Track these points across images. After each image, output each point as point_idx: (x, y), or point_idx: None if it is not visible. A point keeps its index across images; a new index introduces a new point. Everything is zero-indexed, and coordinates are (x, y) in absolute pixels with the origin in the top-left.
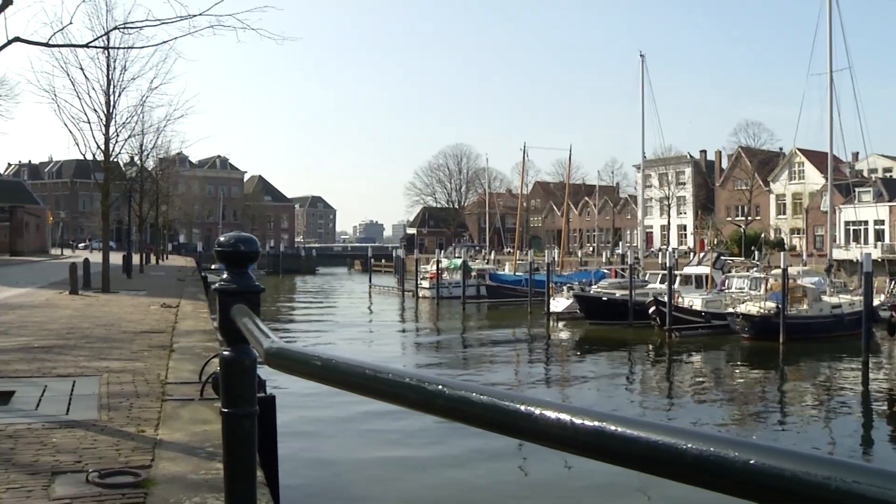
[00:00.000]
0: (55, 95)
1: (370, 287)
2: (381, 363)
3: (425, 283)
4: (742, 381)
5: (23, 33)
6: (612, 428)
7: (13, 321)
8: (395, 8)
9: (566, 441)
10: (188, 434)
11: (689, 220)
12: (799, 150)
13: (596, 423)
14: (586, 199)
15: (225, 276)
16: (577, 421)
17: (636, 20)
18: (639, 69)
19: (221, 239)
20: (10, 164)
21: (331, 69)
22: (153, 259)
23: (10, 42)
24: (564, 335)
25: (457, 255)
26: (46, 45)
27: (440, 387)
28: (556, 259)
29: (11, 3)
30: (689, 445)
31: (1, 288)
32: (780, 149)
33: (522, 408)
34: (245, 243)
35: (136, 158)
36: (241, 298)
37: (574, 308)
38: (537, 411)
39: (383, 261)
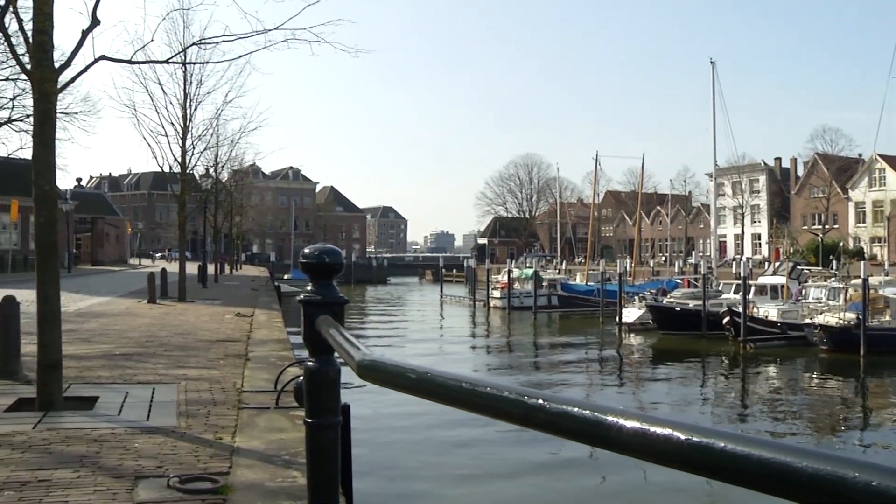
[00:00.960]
0: (135, 110)
1: (441, 297)
2: (477, 376)
3: (496, 294)
4: (821, 394)
5: (107, 52)
6: (723, 445)
7: (95, 329)
8: (466, 18)
9: (672, 457)
10: (264, 442)
11: (763, 228)
12: (879, 155)
13: (705, 440)
14: (658, 208)
15: (309, 287)
16: (684, 437)
17: (706, 25)
18: (709, 75)
19: (306, 251)
20: (91, 177)
21: (402, 80)
22: (227, 269)
23: (96, 60)
24: (636, 345)
25: (528, 265)
26: (129, 62)
27: (540, 401)
28: (627, 269)
29: (99, 23)
30: (805, 464)
31: (83, 296)
32: (860, 155)
33: (629, 424)
34: (330, 255)
35: (211, 170)
36: (325, 310)
37: (646, 318)
38: (645, 427)
39: (454, 271)
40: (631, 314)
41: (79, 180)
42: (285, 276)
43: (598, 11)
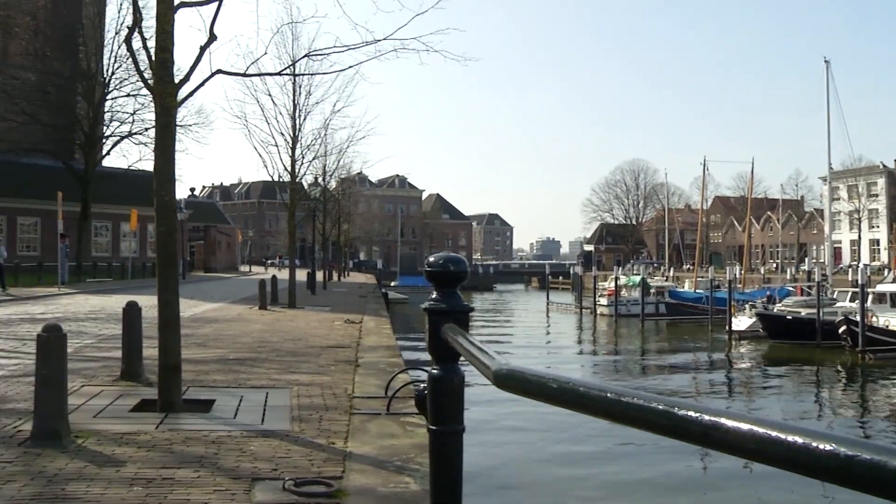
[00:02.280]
0: (246, 121)
1: (547, 304)
2: (620, 386)
3: (603, 301)
4: None
5: (221, 66)
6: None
7: (210, 334)
8: (571, 25)
9: (837, 475)
10: (376, 448)
11: (882, 234)
12: None
13: (877, 458)
14: (769, 213)
15: (434, 295)
16: (851, 453)
17: (819, 24)
18: (823, 75)
19: (431, 259)
20: (204, 187)
21: (508, 87)
22: (335, 276)
23: (213, 74)
24: (747, 354)
25: (635, 271)
26: (244, 74)
27: (692, 413)
28: (737, 276)
29: (216, 38)
30: None
31: (197, 302)
32: None
33: (790, 438)
34: (454, 263)
35: (319, 179)
36: (450, 318)
37: (757, 327)
38: (808, 442)
39: (560, 278)
40: (741, 322)
41: (192, 190)
42: (392, 283)
43: (706, 12)
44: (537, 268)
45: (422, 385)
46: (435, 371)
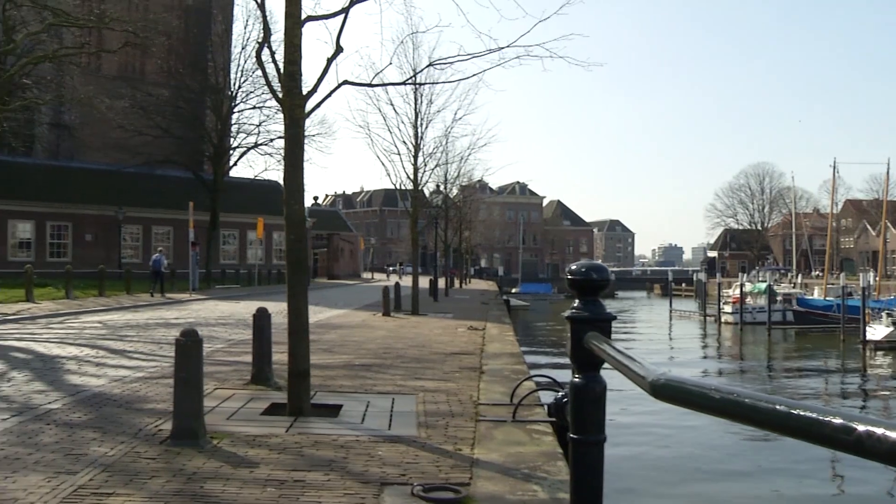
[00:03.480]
0: (369, 130)
1: (670, 311)
2: (790, 399)
3: (728, 308)
4: None
5: (344, 77)
6: None
7: (335, 340)
8: (694, 26)
9: None
10: (503, 455)
11: None
12: None
13: None
14: None
15: (576, 303)
16: None
17: None
18: None
19: (573, 267)
20: (327, 195)
21: (630, 91)
22: (457, 283)
23: (339, 85)
24: (884, 366)
25: (761, 278)
26: (370, 85)
27: (879, 430)
28: (871, 283)
29: (342, 50)
30: None
31: (322, 309)
32: None
33: None
34: (597, 271)
35: (441, 187)
36: (593, 326)
37: (894, 336)
38: None
39: (683, 285)
40: (876, 332)
41: (315, 199)
42: (513, 290)
43: (834, 11)
44: (659, 274)
45: (560, 393)
46: (577, 380)
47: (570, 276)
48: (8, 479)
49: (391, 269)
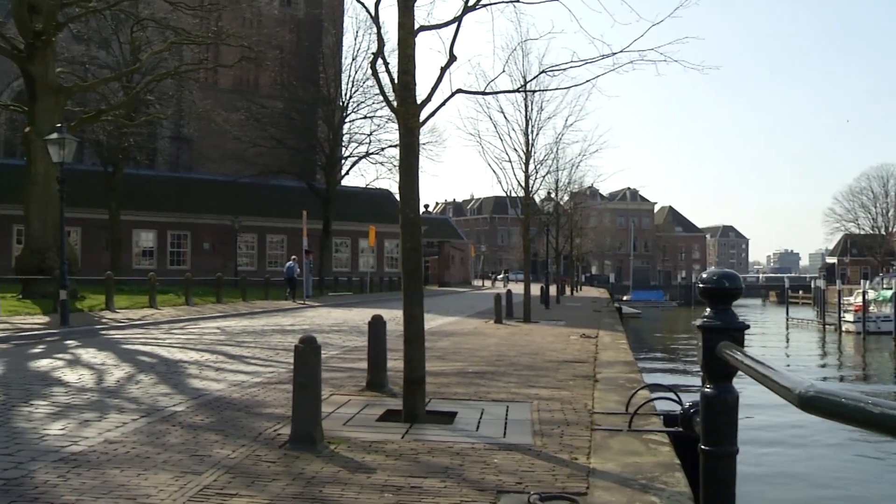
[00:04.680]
0: (480, 138)
1: (787, 320)
2: None
3: (849, 317)
4: None
5: (455, 86)
6: None
7: (448, 347)
8: (811, 27)
9: None
10: (619, 465)
11: None
12: None
13: None
14: None
15: (707, 312)
16: None
17: None
18: None
19: (704, 275)
20: (437, 203)
21: (745, 94)
22: (568, 290)
23: (453, 94)
24: None
25: (885, 285)
26: (483, 93)
27: None
28: None
29: (455, 59)
30: None
31: (434, 316)
32: None
33: None
34: (729, 280)
35: (552, 194)
36: (725, 335)
37: None
38: None
39: (800, 292)
40: None
41: (426, 206)
42: (625, 298)
43: None
44: (775, 281)
45: (687, 403)
46: (708, 390)
47: (701, 285)
48: (140, 477)
49: (494, 276)
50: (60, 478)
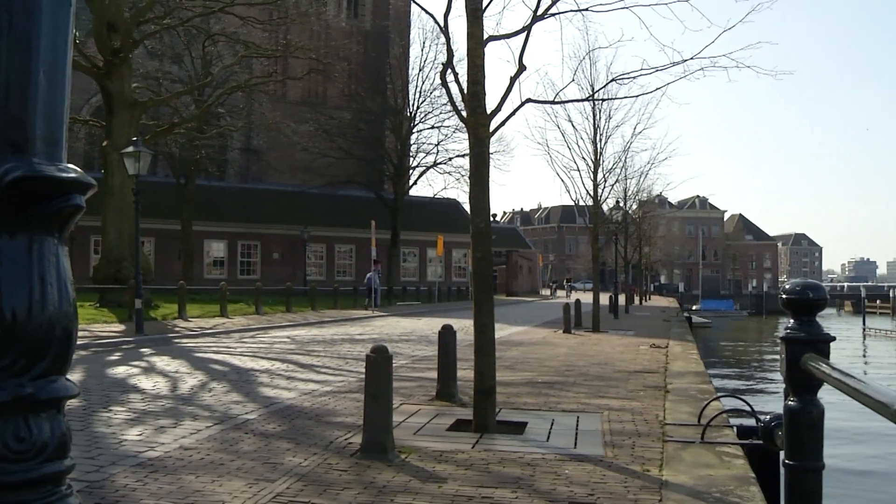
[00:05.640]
0: (548, 147)
1: (863, 330)
2: None
3: None
4: None
5: (526, 94)
6: None
7: (516, 357)
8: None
9: None
10: (692, 477)
11: None
12: None
13: None
14: None
15: (791, 324)
16: None
17: None
18: None
19: (787, 286)
20: (504, 213)
21: (818, 99)
22: (636, 300)
23: (523, 104)
24: None
25: None
26: (553, 102)
27: None
28: None
29: (525, 69)
30: None
31: (502, 325)
32: None
33: None
34: (813, 290)
35: (620, 202)
36: (810, 347)
37: None
38: None
39: (878, 301)
40: None
41: (494, 216)
42: (694, 307)
43: None
44: (851, 290)
45: (768, 416)
46: (792, 403)
47: (785, 296)
48: (215, 483)
49: (553, 284)
50: (139, 482)
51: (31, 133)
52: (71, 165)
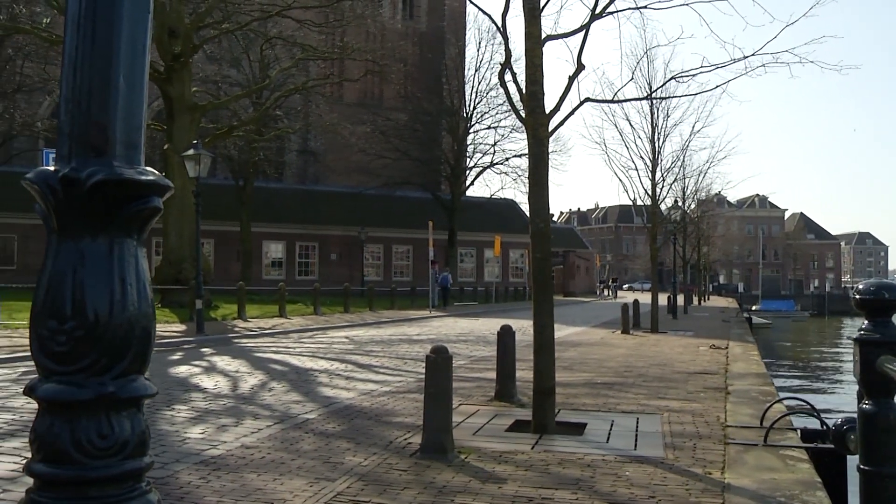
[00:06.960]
0: (605, 146)
1: None
2: None
3: None
4: None
5: (583, 93)
6: None
7: (574, 357)
8: None
9: None
10: (755, 481)
11: None
12: None
13: None
14: None
15: (864, 324)
16: None
17: None
18: None
19: (861, 287)
20: (562, 213)
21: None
22: (695, 300)
23: (581, 103)
24: None
25: None
26: (612, 101)
27: None
28: None
29: (584, 68)
30: None
31: (559, 326)
32: None
33: None
34: (888, 290)
35: (678, 202)
36: (885, 349)
37: None
38: None
39: None
40: None
41: (551, 216)
42: (754, 307)
43: None
44: None
45: (840, 419)
46: (867, 406)
47: (858, 296)
48: (276, 482)
49: (601, 284)
50: (202, 479)
51: (112, 137)
52: (149, 168)
